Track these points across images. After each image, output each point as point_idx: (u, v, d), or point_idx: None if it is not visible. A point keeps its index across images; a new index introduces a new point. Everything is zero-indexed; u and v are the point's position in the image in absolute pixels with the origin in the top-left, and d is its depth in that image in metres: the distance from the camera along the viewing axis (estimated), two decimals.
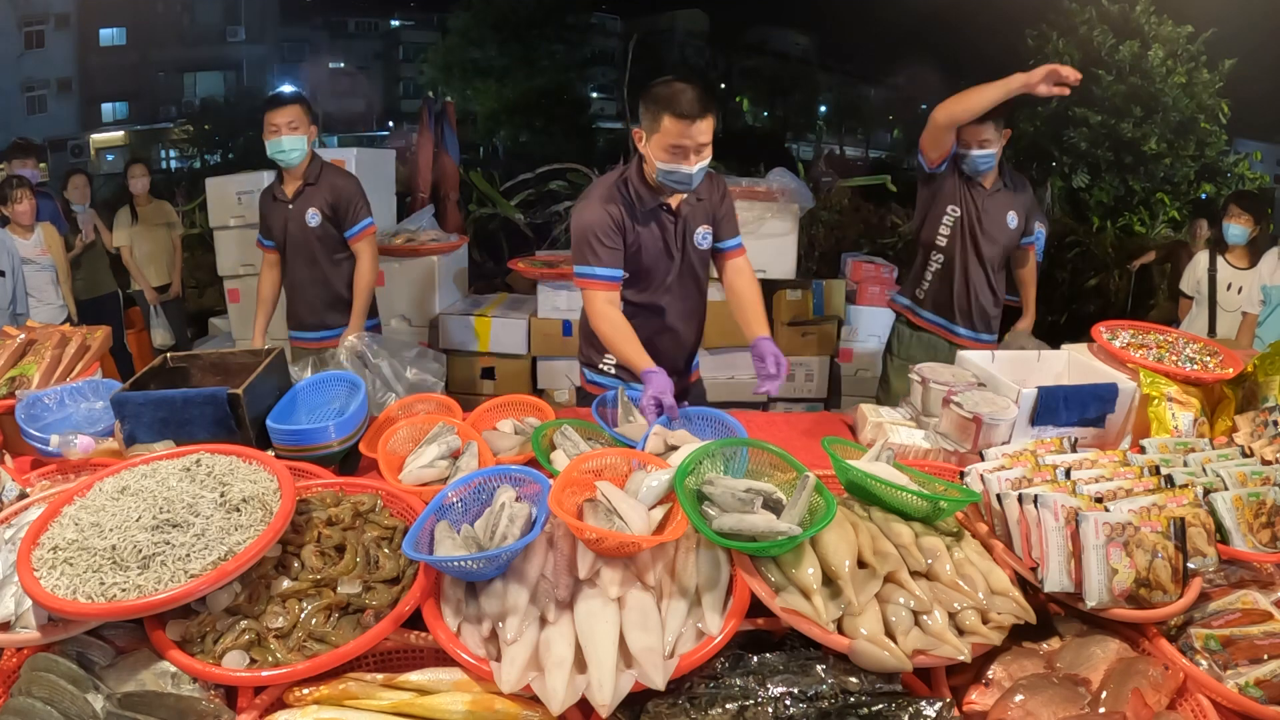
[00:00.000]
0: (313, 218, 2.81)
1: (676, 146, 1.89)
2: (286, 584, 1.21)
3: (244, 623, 1.14)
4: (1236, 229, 3.61)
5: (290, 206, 2.83)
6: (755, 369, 1.98)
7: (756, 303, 2.14)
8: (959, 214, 2.69)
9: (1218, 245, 3.76)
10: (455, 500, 1.36)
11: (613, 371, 2.22)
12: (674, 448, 1.57)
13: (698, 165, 1.92)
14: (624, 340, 1.96)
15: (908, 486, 1.33)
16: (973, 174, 2.67)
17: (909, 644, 1.10)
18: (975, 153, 2.62)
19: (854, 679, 1.07)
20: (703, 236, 2.14)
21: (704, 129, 1.89)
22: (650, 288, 2.13)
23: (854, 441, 1.83)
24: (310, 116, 2.78)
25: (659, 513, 1.30)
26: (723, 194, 2.17)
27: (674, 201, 2.06)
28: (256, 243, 3.01)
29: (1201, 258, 3.81)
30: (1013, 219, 2.74)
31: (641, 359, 1.91)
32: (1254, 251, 3.63)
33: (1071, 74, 2.24)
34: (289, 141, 2.73)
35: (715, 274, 2.25)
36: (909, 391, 2.08)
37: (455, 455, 1.67)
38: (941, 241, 2.74)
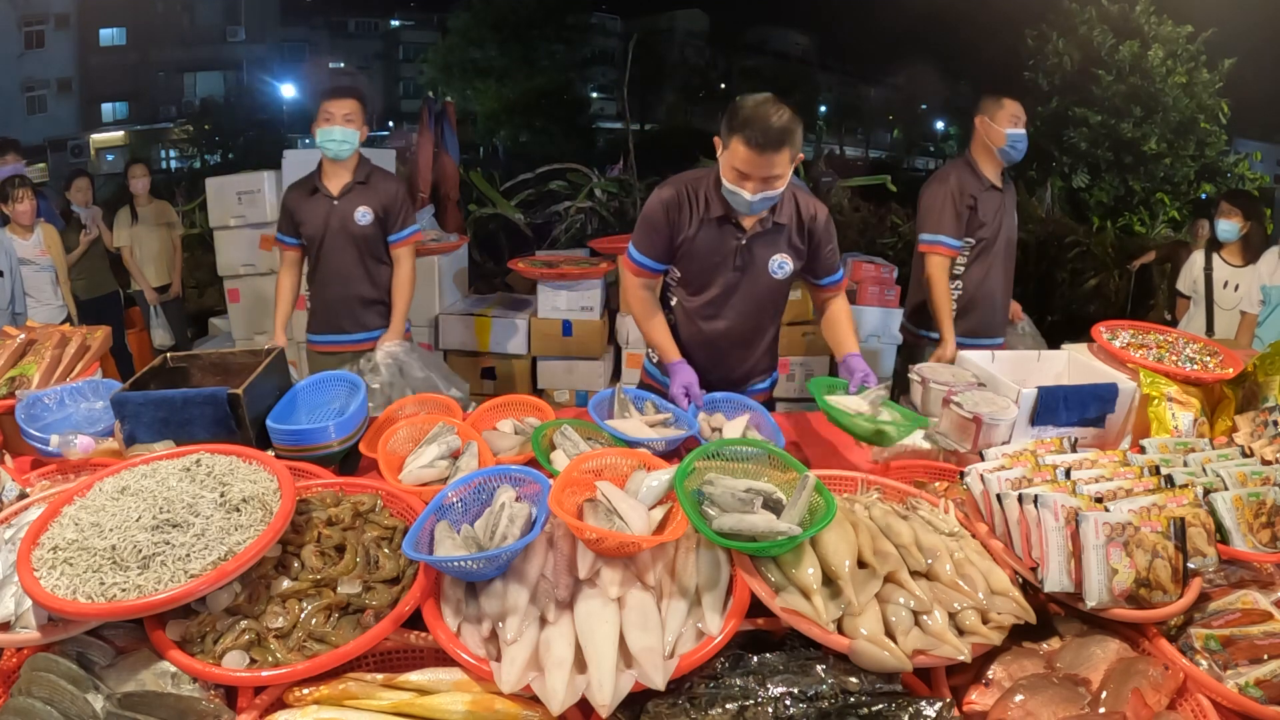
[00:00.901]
0: (363, 216, 2.71)
1: (741, 173, 1.81)
2: (286, 584, 1.21)
3: (244, 623, 1.14)
4: (1227, 225, 3.64)
5: (335, 202, 2.71)
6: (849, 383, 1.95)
7: (847, 326, 2.11)
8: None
9: (1213, 244, 3.78)
10: (455, 500, 1.36)
11: (655, 359, 2.19)
12: (718, 430, 1.81)
13: (760, 195, 1.81)
14: (655, 326, 2.03)
15: (857, 413, 1.70)
16: (1011, 160, 2.69)
17: (909, 644, 1.10)
18: (1021, 130, 2.64)
19: (854, 679, 1.07)
20: (778, 265, 2.01)
21: (776, 162, 1.77)
22: (703, 296, 2.05)
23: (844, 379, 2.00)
24: (366, 115, 2.69)
25: (659, 513, 1.30)
26: (813, 227, 2.02)
27: (745, 220, 1.96)
28: (273, 240, 2.86)
29: (1198, 257, 3.83)
30: (1014, 217, 2.76)
31: (669, 348, 1.95)
32: (1249, 249, 3.66)
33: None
34: (342, 132, 2.63)
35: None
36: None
37: (455, 455, 1.67)
38: (959, 270, 2.75)
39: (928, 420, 1.74)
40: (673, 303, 2.13)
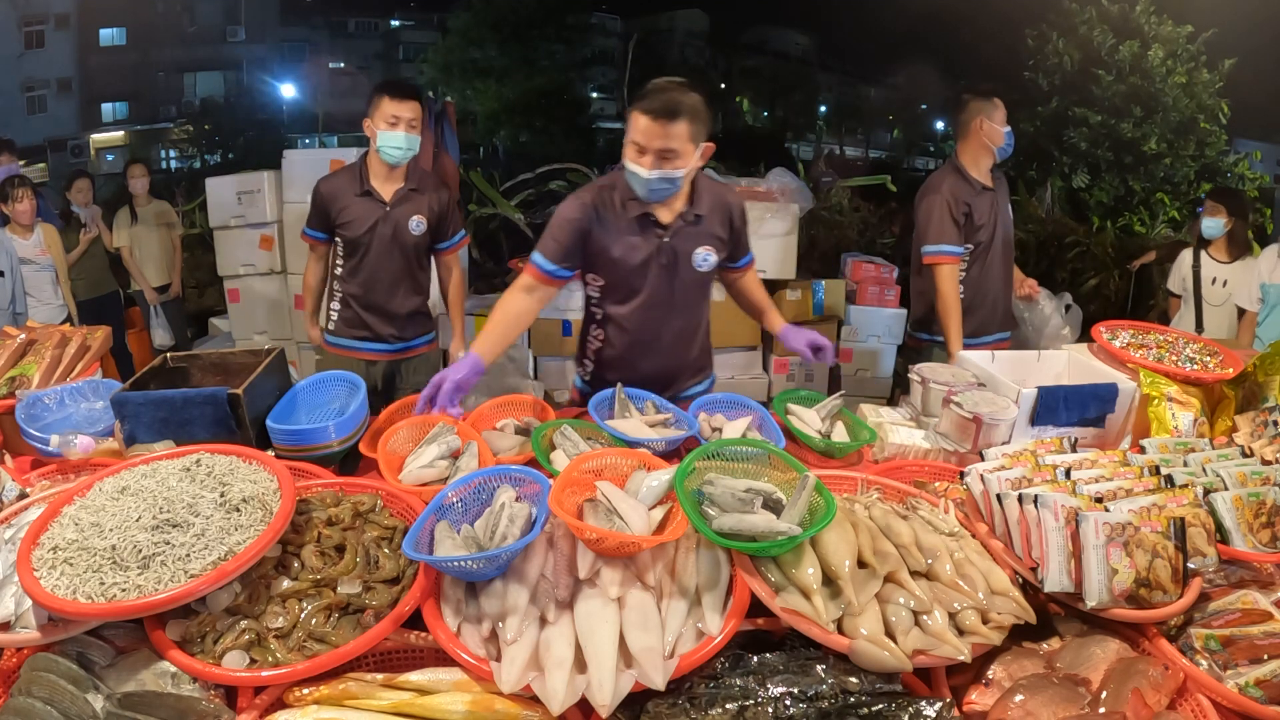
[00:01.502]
0: (417, 225, 2.64)
1: (638, 145, 1.78)
2: (286, 584, 1.21)
3: (244, 623, 1.14)
4: (1211, 222, 3.69)
5: (389, 209, 2.60)
6: (802, 357, 2.00)
7: (765, 294, 2.17)
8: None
9: (1201, 241, 3.82)
10: (455, 500, 1.36)
11: (588, 377, 2.19)
12: (718, 430, 1.83)
13: (657, 172, 1.78)
14: (491, 320, 1.92)
15: (815, 432, 1.88)
16: (1006, 157, 2.74)
17: (909, 644, 1.10)
18: (1008, 128, 2.69)
19: (854, 679, 1.07)
20: (703, 258, 1.99)
21: (671, 134, 1.75)
22: (632, 302, 2.01)
23: (812, 391, 2.13)
24: (426, 117, 2.64)
25: (659, 513, 1.30)
26: (730, 216, 2.03)
27: (662, 215, 1.93)
28: (302, 234, 2.74)
29: (1186, 255, 3.88)
30: (1010, 212, 2.78)
31: (479, 341, 1.85)
32: (1234, 245, 3.70)
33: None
34: (407, 139, 2.50)
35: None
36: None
37: (455, 455, 1.67)
38: (959, 275, 2.76)
39: (875, 434, 1.86)
40: (599, 316, 2.09)
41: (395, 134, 2.48)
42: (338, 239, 2.66)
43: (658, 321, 2.03)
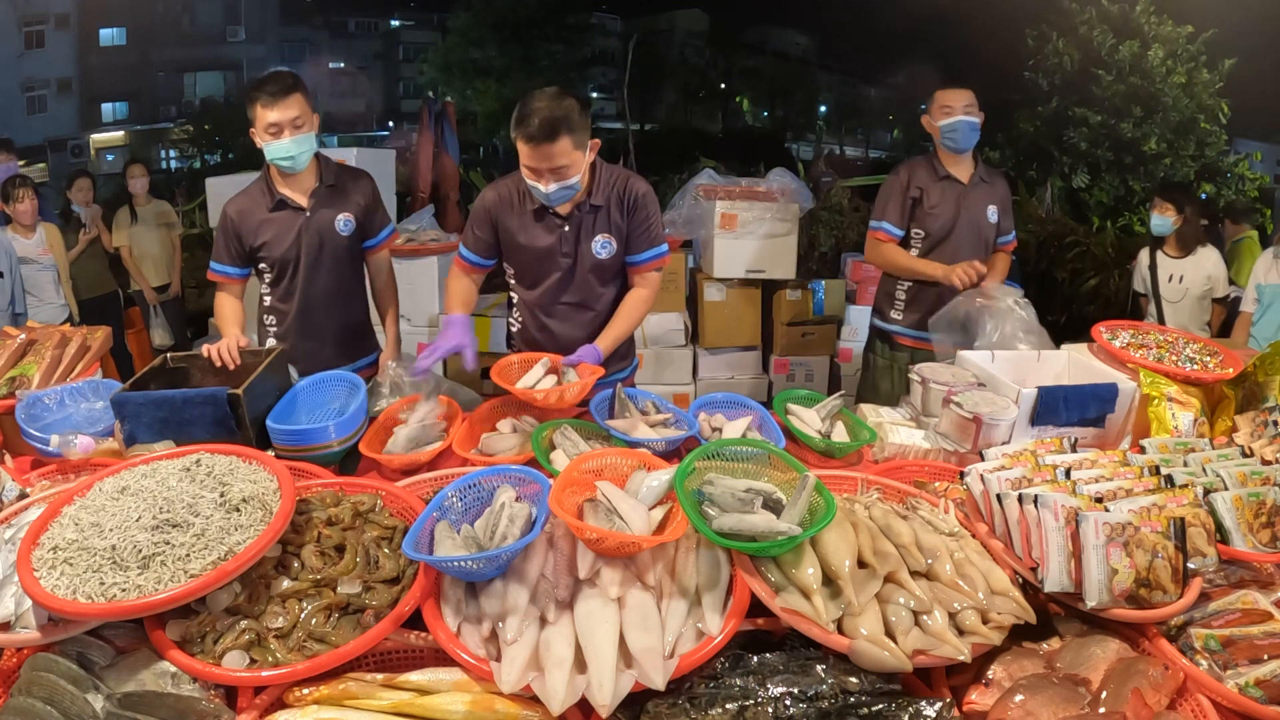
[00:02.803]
0: (345, 225, 2.26)
1: (529, 168, 1.91)
2: (286, 584, 1.21)
3: (244, 623, 1.14)
4: (1159, 220, 3.75)
5: (309, 214, 2.22)
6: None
7: (625, 313, 2.12)
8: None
9: (1154, 240, 3.88)
10: (455, 500, 1.36)
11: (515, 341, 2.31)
12: (718, 430, 1.84)
13: (555, 185, 1.90)
14: (450, 293, 2.19)
15: (815, 432, 1.88)
16: (954, 149, 2.64)
17: (909, 644, 1.10)
18: (963, 119, 2.58)
19: (854, 679, 1.07)
20: (601, 245, 2.07)
21: (554, 153, 1.84)
22: (538, 289, 2.15)
23: (812, 391, 2.13)
24: (311, 103, 2.15)
25: (659, 513, 1.30)
26: (635, 204, 2.06)
27: (563, 208, 2.04)
28: (210, 272, 2.30)
29: (1143, 255, 3.95)
30: (993, 213, 2.71)
31: (449, 307, 2.14)
32: (1185, 240, 3.77)
33: (978, 273, 2.43)
34: (296, 144, 2.11)
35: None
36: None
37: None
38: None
39: (875, 434, 1.87)
40: (515, 300, 2.26)
41: (279, 144, 2.10)
42: (261, 265, 2.28)
43: (564, 307, 2.16)
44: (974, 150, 2.70)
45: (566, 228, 2.06)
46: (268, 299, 2.34)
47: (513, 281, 2.23)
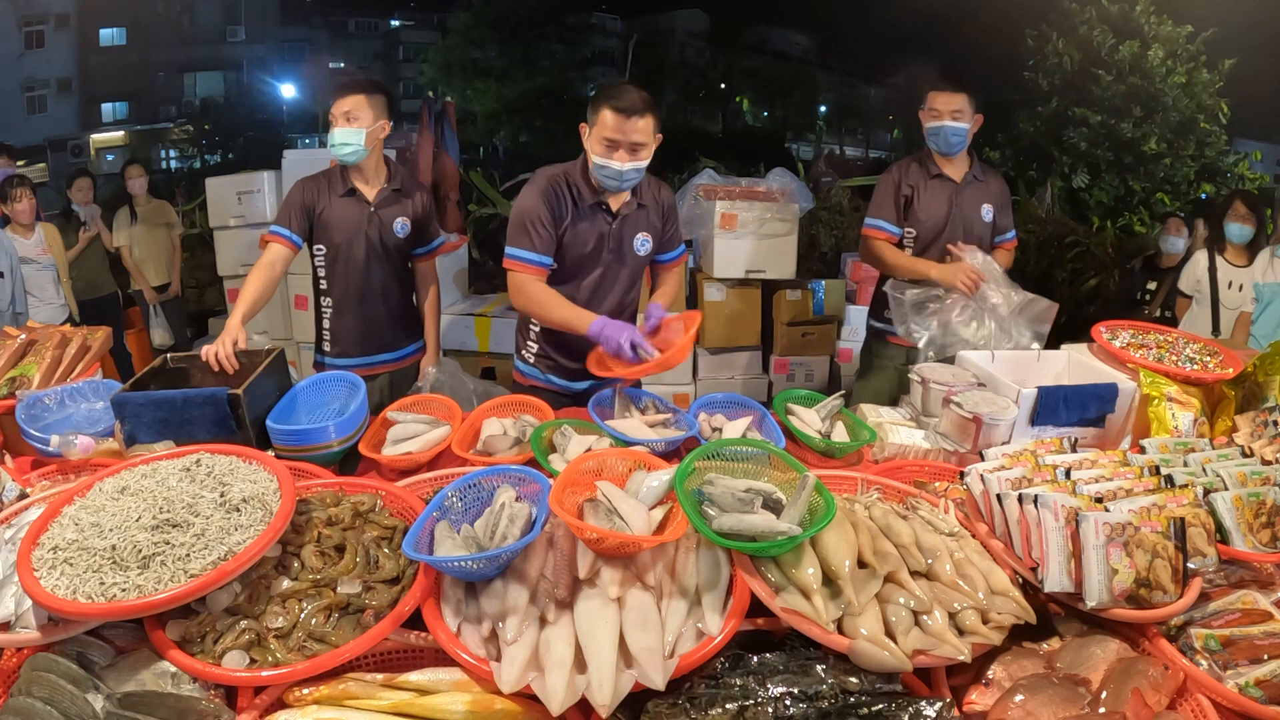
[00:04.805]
0: (402, 228, 2.48)
1: (610, 141, 1.96)
2: (286, 584, 1.21)
3: (244, 623, 1.14)
4: (1240, 229, 3.64)
5: (374, 210, 2.42)
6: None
7: (666, 290, 2.28)
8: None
9: (1216, 244, 3.77)
10: (455, 500, 1.36)
11: (532, 360, 2.27)
12: (718, 430, 1.84)
13: (629, 164, 1.97)
14: (559, 305, 2.03)
15: (816, 432, 1.88)
16: (944, 151, 2.63)
17: (909, 644, 1.10)
18: (948, 124, 2.55)
19: (854, 679, 1.07)
20: (641, 243, 2.18)
21: (640, 127, 1.94)
22: (575, 284, 2.15)
23: (812, 391, 2.12)
24: (378, 108, 2.36)
25: (659, 513, 1.30)
26: (669, 206, 2.23)
27: (614, 203, 2.10)
28: (269, 233, 2.35)
29: (1200, 257, 3.82)
30: (987, 212, 2.70)
31: (581, 315, 1.98)
32: (1252, 250, 3.67)
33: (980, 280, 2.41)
34: (341, 134, 2.32)
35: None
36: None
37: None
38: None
39: (875, 434, 1.87)
40: None
41: (330, 132, 2.36)
42: (318, 246, 2.44)
43: (599, 303, 2.16)
44: (970, 149, 2.69)
45: (614, 225, 2.12)
46: (324, 282, 2.50)
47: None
